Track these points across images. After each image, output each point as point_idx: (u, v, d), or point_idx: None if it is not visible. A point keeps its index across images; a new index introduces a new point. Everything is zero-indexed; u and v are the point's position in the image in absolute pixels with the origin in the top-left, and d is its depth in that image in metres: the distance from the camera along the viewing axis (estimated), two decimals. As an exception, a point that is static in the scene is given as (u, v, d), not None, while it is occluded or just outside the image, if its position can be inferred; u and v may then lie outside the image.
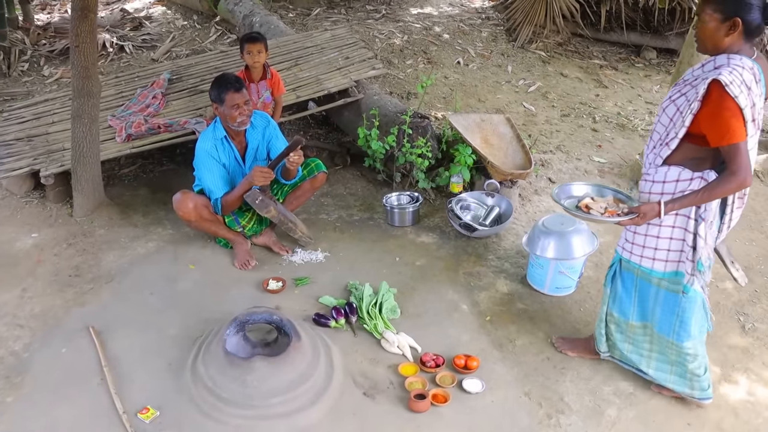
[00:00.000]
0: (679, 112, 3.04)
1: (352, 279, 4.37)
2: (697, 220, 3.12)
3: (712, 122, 2.90)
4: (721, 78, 2.81)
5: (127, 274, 4.42)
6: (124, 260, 4.56)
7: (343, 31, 7.00)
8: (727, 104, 2.83)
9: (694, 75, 3.09)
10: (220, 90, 4.14)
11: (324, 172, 4.66)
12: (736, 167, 2.90)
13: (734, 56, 2.91)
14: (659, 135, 3.18)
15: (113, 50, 8.02)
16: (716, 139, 2.91)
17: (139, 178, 5.68)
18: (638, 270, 3.41)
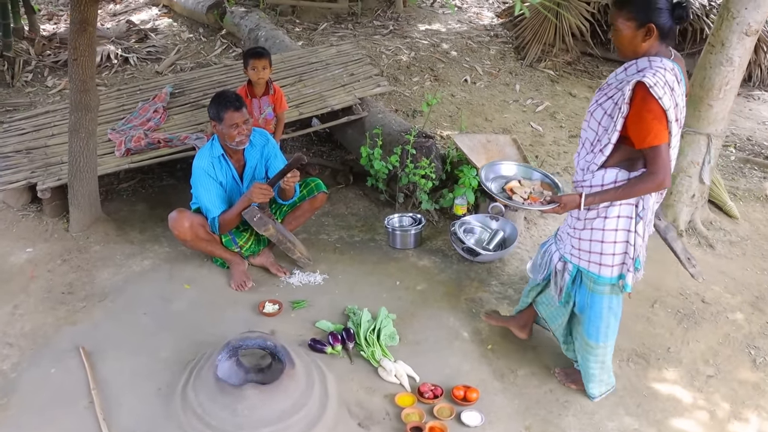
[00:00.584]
0: (609, 116, 3.09)
1: (351, 303, 4.26)
2: (637, 218, 3.20)
3: (636, 124, 2.98)
4: (645, 80, 2.89)
5: (121, 292, 4.32)
6: (119, 278, 4.46)
7: (348, 47, 6.92)
8: (650, 106, 2.91)
9: (618, 78, 3.14)
10: (219, 108, 4.05)
11: (324, 192, 4.56)
12: (656, 168, 3.01)
13: (655, 58, 3.00)
14: (590, 141, 3.22)
15: (118, 62, 7.96)
16: (639, 140, 3.00)
17: (137, 193, 5.59)
18: (591, 279, 3.39)
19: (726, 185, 5.86)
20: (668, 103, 2.94)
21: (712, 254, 5.13)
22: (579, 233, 3.33)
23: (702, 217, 5.44)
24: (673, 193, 5.31)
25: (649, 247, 5.06)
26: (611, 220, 3.22)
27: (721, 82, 5.00)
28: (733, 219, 5.58)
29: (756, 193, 6.06)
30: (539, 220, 5.34)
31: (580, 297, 3.49)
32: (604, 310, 3.42)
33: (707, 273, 4.85)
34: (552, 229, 5.25)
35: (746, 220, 5.62)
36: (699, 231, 5.33)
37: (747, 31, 4.84)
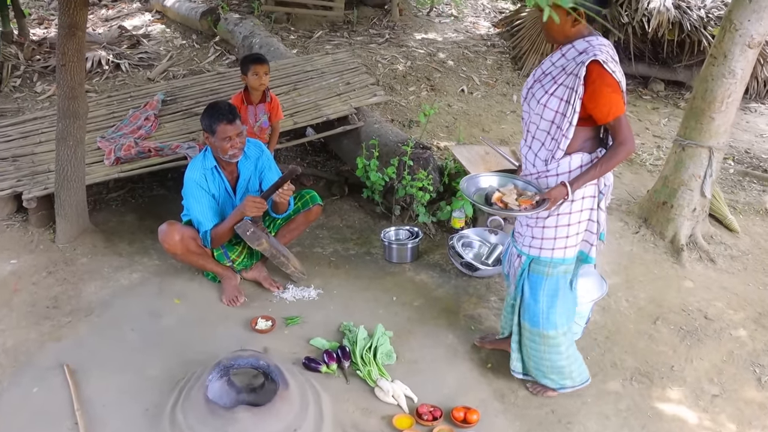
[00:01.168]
0: (565, 101, 3.12)
1: (346, 319, 4.13)
2: (600, 195, 3.31)
3: (597, 101, 3.03)
4: (598, 57, 2.98)
5: (107, 307, 4.17)
6: (106, 292, 4.31)
7: (344, 55, 6.81)
8: (607, 81, 3.00)
9: (559, 65, 3.18)
10: (212, 120, 3.92)
11: (319, 204, 4.43)
12: (623, 137, 3.10)
13: (591, 38, 3.08)
14: (546, 131, 3.23)
15: (109, 68, 7.81)
16: (603, 116, 3.06)
17: (127, 203, 5.45)
18: (550, 265, 3.41)
19: (725, 198, 5.77)
20: (620, 75, 3.07)
21: (713, 269, 5.04)
22: (543, 222, 3.34)
23: (703, 231, 5.34)
24: (673, 207, 5.22)
25: (650, 262, 5.06)
26: (577, 203, 3.28)
27: (723, 94, 4.92)
28: (733, 233, 5.51)
29: (756, 207, 5.98)
30: (538, 233, 5.22)
31: (533, 288, 3.48)
32: (560, 292, 3.46)
33: (708, 288, 4.79)
34: (551, 243, 5.14)
35: (747, 234, 5.54)
36: (700, 245, 5.23)
37: (750, 43, 4.77)
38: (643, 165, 6.58)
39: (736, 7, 4.74)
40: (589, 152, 3.23)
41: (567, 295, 3.51)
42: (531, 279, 3.48)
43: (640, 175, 6.36)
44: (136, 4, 10.37)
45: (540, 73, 3.29)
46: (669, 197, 5.26)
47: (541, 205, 3.17)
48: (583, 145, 3.22)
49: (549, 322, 3.47)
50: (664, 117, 7.83)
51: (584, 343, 4.12)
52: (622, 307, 4.52)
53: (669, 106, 8.18)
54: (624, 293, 4.65)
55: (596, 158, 3.21)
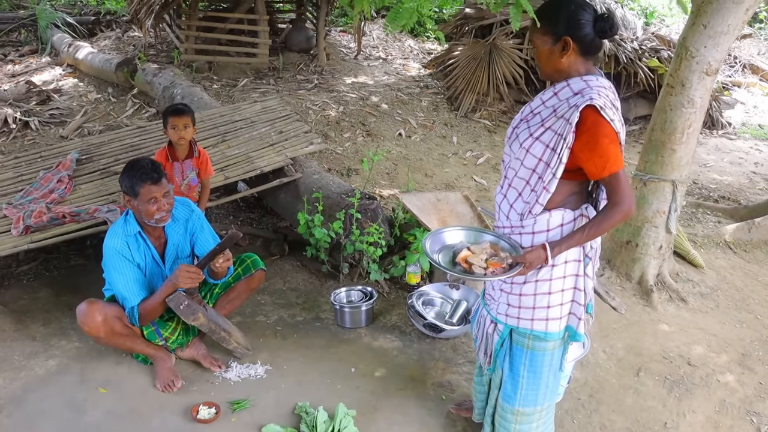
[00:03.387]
0: (551, 148, 2.66)
1: (301, 399, 3.61)
2: (585, 259, 2.82)
3: (591, 153, 2.59)
4: (594, 102, 2.54)
5: (19, 403, 3.55)
6: (17, 385, 3.69)
7: (274, 103, 6.35)
8: (604, 130, 2.56)
9: (550, 105, 2.75)
10: (133, 181, 3.41)
11: (262, 269, 3.93)
12: (620, 197, 2.61)
13: (589, 77, 2.67)
14: (526, 180, 2.75)
15: (16, 126, 7.18)
16: (597, 171, 2.61)
17: (40, 276, 4.82)
18: (530, 337, 2.91)
19: (684, 232, 5.51)
20: (619, 125, 2.60)
21: (686, 309, 4.78)
22: (520, 288, 2.85)
23: (669, 269, 5.08)
24: (639, 246, 4.93)
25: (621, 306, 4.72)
26: (559, 268, 2.79)
27: (684, 124, 4.68)
28: (698, 268, 5.29)
29: (715, 239, 5.77)
30: (500, 283, 4.83)
31: (513, 361, 2.99)
32: (545, 370, 2.96)
33: (685, 330, 4.52)
34: (514, 293, 4.75)
35: (711, 268, 5.33)
36: (668, 285, 4.95)
37: (707, 70, 4.56)
38: (597, 202, 6.28)
39: (691, 33, 4.51)
40: (572, 209, 2.76)
41: (553, 375, 3.00)
42: (512, 351, 2.97)
43: (595, 214, 6.06)
44: (46, 58, 9.78)
45: (528, 111, 2.85)
46: (633, 236, 4.96)
47: (513, 269, 2.69)
48: (567, 201, 2.76)
49: (527, 400, 3.00)
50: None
51: (568, 404, 3.73)
52: (601, 360, 4.15)
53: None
54: (600, 344, 4.29)
55: (581, 216, 2.76)
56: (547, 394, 3.02)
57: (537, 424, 3.07)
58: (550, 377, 2.98)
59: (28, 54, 10.19)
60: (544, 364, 2.93)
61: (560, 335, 2.90)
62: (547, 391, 3.01)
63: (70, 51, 9.22)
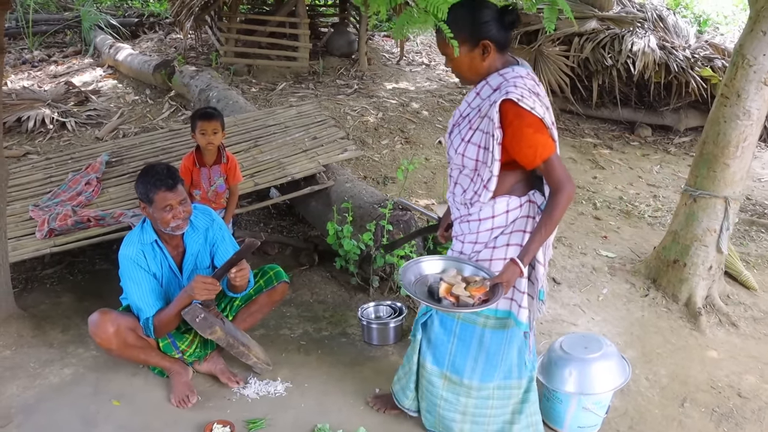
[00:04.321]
0: (483, 148, 2.77)
1: (321, 419, 3.41)
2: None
3: (519, 145, 2.67)
4: (511, 96, 2.62)
5: (30, 413, 3.42)
6: (30, 394, 3.57)
7: (310, 107, 6.19)
8: (526, 121, 2.63)
9: (474, 105, 2.85)
10: (148, 187, 3.26)
11: (285, 282, 3.73)
12: (558, 182, 2.69)
13: (506, 70, 2.76)
14: (469, 177, 2.88)
15: (53, 127, 7.14)
16: (529, 160, 2.68)
17: (64, 280, 4.71)
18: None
19: (736, 252, 5.19)
20: (540, 110, 2.66)
21: (737, 334, 4.46)
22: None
23: (719, 291, 4.77)
24: (687, 265, 4.64)
25: (665, 330, 4.44)
26: (499, 250, 2.90)
27: (739, 137, 4.39)
28: (751, 290, 4.96)
29: (769, 260, 5.43)
30: (537, 301, 4.58)
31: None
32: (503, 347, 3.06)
33: (736, 358, 4.21)
34: (552, 311, 4.52)
35: (765, 291, 5.00)
36: (718, 308, 4.65)
37: (766, 80, 4.25)
38: (642, 217, 6.00)
39: (749, 40, 4.24)
40: (519, 196, 2.84)
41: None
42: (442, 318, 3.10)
43: (641, 229, 5.78)
44: (88, 59, 9.78)
45: (458, 116, 2.93)
46: (681, 255, 4.68)
47: (495, 293, 2.67)
48: (513, 189, 2.84)
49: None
50: (655, 164, 7.31)
51: (605, 436, 3.47)
52: (643, 388, 3.88)
53: (659, 152, 7.68)
54: (642, 370, 4.02)
55: (528, 202, 2.85)
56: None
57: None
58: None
59: (72, 55, 10.21)
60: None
61: (496, 313, 2.98)
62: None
63: (111, 52, 9.20)
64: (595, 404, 3.38)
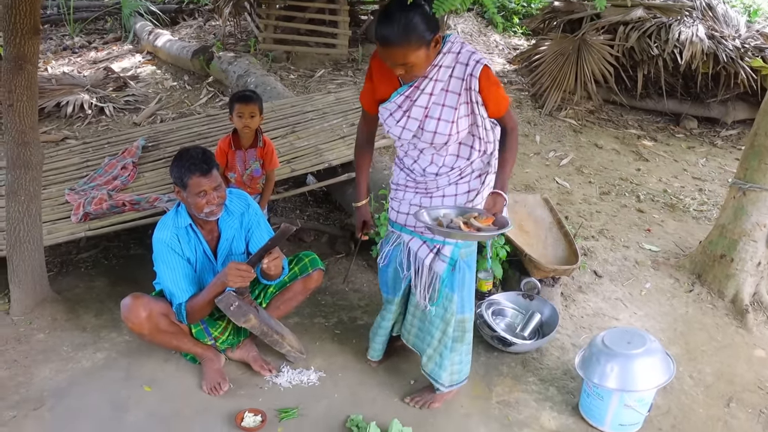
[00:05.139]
0: (469, 115, 2.99)
1: (354, 411, 3.34)
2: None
3: (493, 101, 2.95)
4: (484, 62, 2.89)
5: (62, 396, 3.40)
6: (63, 377, 3.54)
7: (348, 94, 6.10)
8: (493, 78, 2.93)
9: (437, 90, 2.96)
10: (182, 172, 3.18)
11: (320, 269, 3.66)
12: (514, 121, 3.08)
13: (444, 48, 2.93)
14: (467, 144, 3.09)
15: (92, 112, 7.14)
16: (499, 110, 3.00)
17: (98, 264, 4.69)
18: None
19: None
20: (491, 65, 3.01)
21: (785, 334, 4.27)
22: None
23: (767, 288, 4.58)
24: (734, 261, 4.48)
25: (710, 327, 4.29)
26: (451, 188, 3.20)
27: (793, 129, 4.20)
28: (800, 289, 4.74)
29: (820, 257, 5.21)
30: (578, 295, 4.46)
31: (458, 276, 3.27)
32: (469, 272, 3.32)
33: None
34: (593, 305, 4.39)
35: (815, 289, 4.77)
36: (766, 305, 4.52)
37: (823, 69, 4.06)
38: (687, 211, 5.82)
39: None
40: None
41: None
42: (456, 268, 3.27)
43: (685, 223, 5.61)
44: (127, 45, 9.79)
45: (416, 89, 2.99)
46: (728, 250, 4.52)
47: (502, 221, 2.95)
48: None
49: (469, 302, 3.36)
50: (701, 156, 7.10)
51: (647, 435, 3.35)
52: (687, 386, 3.75)
53: (705, 144, 7.46)
54: (686, 367, 3.89)
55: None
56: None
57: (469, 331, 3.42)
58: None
59: (112, 42, 10.23)
60: (472, 266, 3.33)
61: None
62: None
63: (150, 38, 9.20)
64: (637, 401, 3.26)
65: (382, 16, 2.75)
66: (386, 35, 2.72)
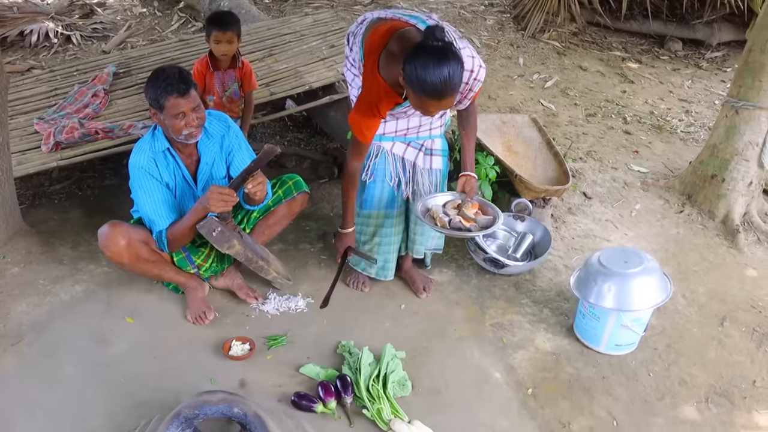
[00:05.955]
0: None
1: (344, 336, 3.27)
2: None
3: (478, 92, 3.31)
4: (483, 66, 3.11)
5: (41, 331, 3.27)
6: (40, 311, 3.41)
7: (326, 16, 5.86)
8: None
9: None
10: (158, 93, 2.97)
11: (305, 192, 3.51)
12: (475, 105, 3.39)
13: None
14: None
15: (58, 41, 6.83)
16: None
17: (72, 196, 4.51)
18: None
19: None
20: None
21: (775, 254, 4.23)
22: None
23: (758, 208, 4.53)
24: (725, 181, 4.40)
25: (701, 247, 4.23)
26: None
27: (788, 43, 4.08)
28: (791, 209, 4.69)
29: (810, 177, 5.16)
30: (568, 216, 4.37)
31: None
32: None
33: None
34: (584, 226, 4.30)
35: (806, 209, 4.72)
36: (757, 225, 4.43)
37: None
38: (674, 132, 5.72)
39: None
40: None
41: None
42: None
43: (673, 144, 5.51)
44: (93, -29, 9.36)
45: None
46: (719, 170, 4.43)
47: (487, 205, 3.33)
48: None
49: None
50: (687, 78, 6.96)
51: (644, 355, 3.33)
52: (680, 306, 3.71)
53: (690, 66, 7.31)
54: (679, 287, 3.84)
55: None
56: None
57: None
58: None
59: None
60: None
61: None
62: None
63: (116, -37, 8.80)
64: (634, 321, 3.20)
65: (435, 72, 2.61)
66: (444, 92, 2.66)
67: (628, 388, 3.13)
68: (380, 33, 2.92)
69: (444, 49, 2.63)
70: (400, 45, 2.83)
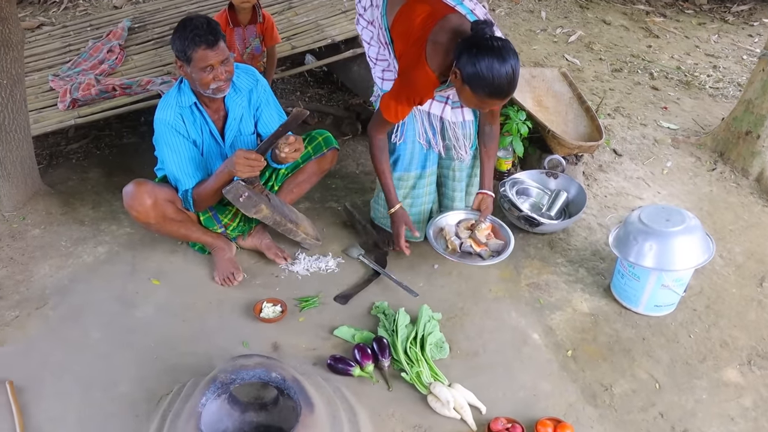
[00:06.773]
0: None
1: (378, 297, 3.18)
2: None
3: None
4: None
5: (65, 294, 3.19)
6: (64, 274, 3.33)
7: (347, -33, 5.70)
8: None
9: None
10: (186, 44, 2.84)
11: (335, 148, 3.37)
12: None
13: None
14: None
15: (67, -4, 6.68)
16: None
17: (90, 155, 4.40)
18: None
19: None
20: None
21: (811, 214, 4.11)
22: None
23: (792, 167, 4.40)
24: (760, 138, 4.25)
25: (736, 206, 4.11)
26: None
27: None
28: (827, 165, 4.55)
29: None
30: (599, 174, 4.25)
31: None
32: None
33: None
34: (615, 184, 4.18)
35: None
36: (790, 184, 4.30)
37: None
38: (703, 88, 5.56)
39: None
40: None
41: None
42: None
43: (702, 101, 5.36)
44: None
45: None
46: (754, 126, 4.28)
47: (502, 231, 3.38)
48: None
49: None
50: (713, 33, 6.76)
51: (683, 316, 3.22)
52: (718, 266, 3.60)
53: (716, 21, 7.11)
54: (716, 247, 3.71)
55: None
56: None
57: None
58: None
59: None
60: None
61: None
62: None
63: None
64: (675, 282, 3.10)
65: (500, 73, 2.55)
66: (510, 90, 2.65)
67: (669, 350, 3.04)
68: (419, 17, 2.81)
69: (503, 48, 2.57)
70: (446, 36, 2.72)
